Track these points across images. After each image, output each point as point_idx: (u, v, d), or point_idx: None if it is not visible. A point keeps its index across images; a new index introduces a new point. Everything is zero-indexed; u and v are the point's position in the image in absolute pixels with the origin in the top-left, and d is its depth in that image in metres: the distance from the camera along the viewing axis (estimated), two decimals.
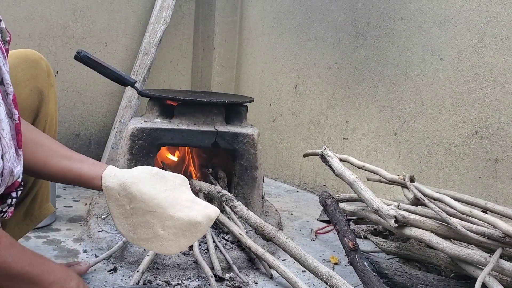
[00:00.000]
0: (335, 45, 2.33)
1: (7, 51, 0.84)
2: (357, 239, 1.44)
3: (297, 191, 2.51)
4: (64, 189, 2.14)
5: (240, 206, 1.55)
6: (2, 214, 0.85)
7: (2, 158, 0.75)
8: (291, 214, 2.09)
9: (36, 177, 1.09)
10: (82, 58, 1.60)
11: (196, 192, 1.70)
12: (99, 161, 2.45)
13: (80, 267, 1.33)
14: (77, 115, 2.47)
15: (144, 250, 1.45)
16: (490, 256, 1.18)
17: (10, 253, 0.80)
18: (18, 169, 0.82)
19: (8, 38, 0.85)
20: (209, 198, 1.68)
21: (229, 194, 1.59)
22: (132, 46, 2.57)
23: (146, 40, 2.49)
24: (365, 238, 1.76)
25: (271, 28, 2.69)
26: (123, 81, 1.69)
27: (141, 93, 1.80)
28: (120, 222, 0.93)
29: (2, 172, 0.76)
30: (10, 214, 0.87)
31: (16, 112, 0.82)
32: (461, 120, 1.82)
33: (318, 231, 1.87)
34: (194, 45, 2.94)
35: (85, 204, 1.96)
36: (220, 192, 1.61)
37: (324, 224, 1.95)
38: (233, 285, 1.36)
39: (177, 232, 0.92)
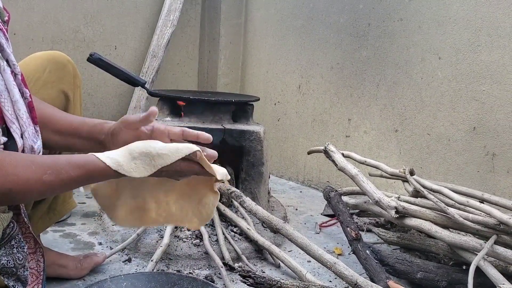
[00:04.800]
0: (337, 45, 2.40)
1: (6, 31, 0.86)
2: (360, 232, 1.50)
3: (302, 188, 2.58)
4: None
5: (248, 201, 1.62)
6: None
7: (22, 137, 0.81)
8: (296, 209, 2.16)
9: (55, 149, 1.05)
10: (95, 60, 1.67)
11: None
12: None
13: (97, 257, 1.40)
14: (88, 115, 2.54)
15: (157, 242, 1.53)
16: (485, 243, 1.25)
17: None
18: (38, 144, 0.85)
19: (6, 18, 0.87)
20: (220, 194, 1.75)
21: (238, 190, 1.66)
22: (140, 49, 2.65)
23: (154, 43, 2.57)
24: (368, 231, 1.83)
25: (275, 30, 2.77)
26: (134, 82, 1.76)
27: (151, 93, 1.88)
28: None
29: (23, 150, 0.80)
30: None
31: (27, 91, 0.85)
32: (459, 116, 1.89)
33: (322, 224, 1.94)
34: (200, 47, 3.02)
35: None
36: (229, 189, 1.68)
37: (328, 218, 2.02)
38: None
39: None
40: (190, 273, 1.44)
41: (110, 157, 0.77)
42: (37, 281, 0.88)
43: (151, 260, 1.39)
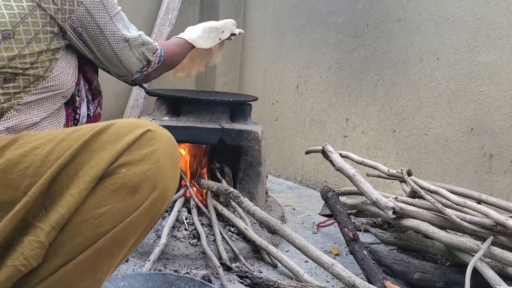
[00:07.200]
0: (335, 45, 2.40)
1: None
2: (358, 232, 1.50)
3: (299, 188, 2.58)
4: None
5: (246, 202, 1.61)
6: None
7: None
8: (294, 209, 2.16)
9: None
10: None
11: (205, 190, 1.79)
12: None
13: None
14: None
15: (154, 241, 1.53)
16: (482, 244, 1.25)
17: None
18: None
19: None
20: (217, 194, 1.76)
21: (236, 191, 1.66)
22: None
23: None
24: (365, 231, 1.83)
25: (273, 29, 2.76)
26: None
27: (149, 93, 1.88)
28: None
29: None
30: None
31: None
32: (457, 117, 1.89)
33: (320, 224, 1.94)
34: None
35: None
36: (227, 189, 1.68)
37: (325, 218, 2.02)
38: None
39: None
40: (187, 273, 1.43)
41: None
42: None
43: (148, 260, 1.39)
